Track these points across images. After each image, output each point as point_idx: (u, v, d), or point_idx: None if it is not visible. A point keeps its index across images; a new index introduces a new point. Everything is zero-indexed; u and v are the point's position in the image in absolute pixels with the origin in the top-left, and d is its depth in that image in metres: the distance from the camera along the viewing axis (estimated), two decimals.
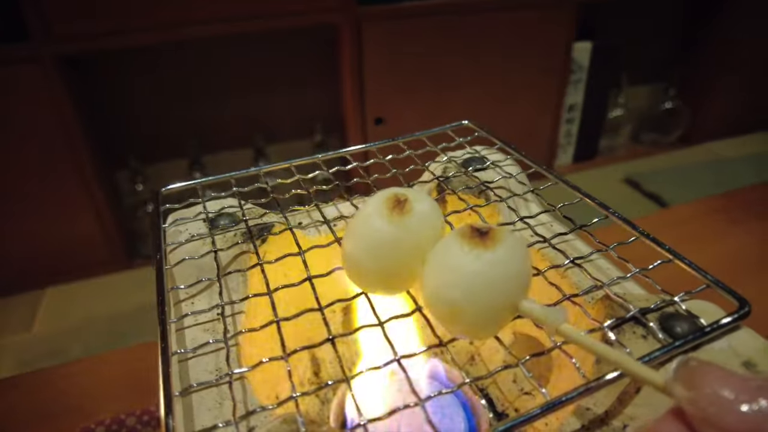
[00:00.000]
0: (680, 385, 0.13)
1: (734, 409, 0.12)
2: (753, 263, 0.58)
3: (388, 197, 0.19)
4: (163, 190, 0.28)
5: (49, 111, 1.11)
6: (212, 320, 0.22)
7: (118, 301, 1.29)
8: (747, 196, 0.74)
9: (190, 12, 1.12)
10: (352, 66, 1.29)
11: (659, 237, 0.23)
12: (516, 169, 0.30)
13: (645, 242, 0.23)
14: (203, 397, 0.19)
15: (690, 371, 0.13)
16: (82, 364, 0.51)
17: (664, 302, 0.20)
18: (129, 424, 0.42)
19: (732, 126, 1.92)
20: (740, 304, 0.20)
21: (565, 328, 0.17)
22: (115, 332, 1.17)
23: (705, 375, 0.13)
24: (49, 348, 1.15)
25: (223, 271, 0.24)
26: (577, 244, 0.25)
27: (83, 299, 1.30)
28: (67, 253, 1.30)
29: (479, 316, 0.17)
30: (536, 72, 1.48)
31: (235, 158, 1.50)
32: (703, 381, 0.13)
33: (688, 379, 0.13)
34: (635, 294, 0.21)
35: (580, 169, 1.79)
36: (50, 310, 1.27)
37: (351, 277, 0.20)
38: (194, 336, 0.21)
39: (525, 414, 0.16)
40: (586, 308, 0.20)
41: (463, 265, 0.17)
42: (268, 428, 0.16)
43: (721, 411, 0.12)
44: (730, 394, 0.12)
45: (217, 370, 0.20)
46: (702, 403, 0.13)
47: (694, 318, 0.19)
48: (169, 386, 0.17)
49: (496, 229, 0.18)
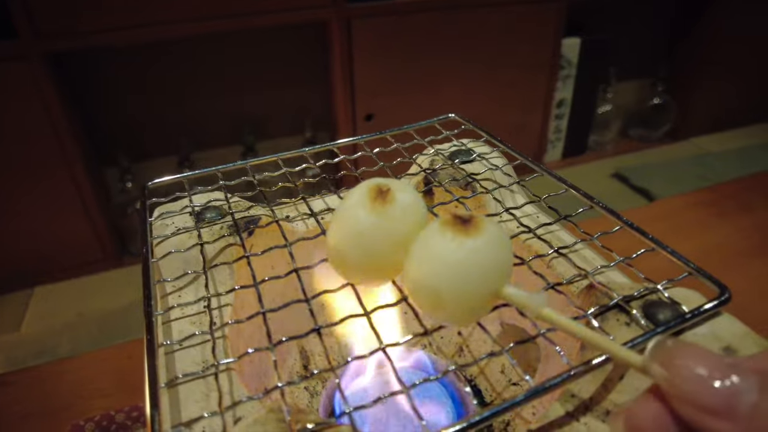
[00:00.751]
0: (657, 364, 0.14)
1: (708, 386, 0.13)
2: (737, 253, 0.59)
3: (370, 188, 0.19)
4: (149, 184, 0.28)
5: (37, 109, 1.10)
6: (198, 313, 0.22)
7: (108, 299, 1.29)
8: (731, 189, 0.75)
9: (179, 10, 1.12)
10: (342, 62, 1.29)
11: (646, 229, 0.23)
12: (502, 161, 0.30)
13: (629, 232, 0.23)
14: (190, 389, 0.19)
15: (666, 351, 0.14)
16: (72, 362, 0.51)
17: (647, 290, 0.20)
18: (118, 420, 0.42)
19: (718, 121, 1.95)
20: (721, 291, 0.20)
21: (546, 312, 0.17)
22: (105, 331, 1.16)
23: (680, 354, 0.13)
24: (38, 347, 1.14)
25: (210, 264, 0.24)
26: (562, 235, 0.25)
27: (73, 298, 1.29)
28: (56, 252, 1.28)
29: (462, 303, 0.18)
30: (525, 68, 1.48)
31: (225, 155, 1.50)
32: (679, 360, 0.13)
33: (664, 358, 0.14)
34: (619, 282, 0.22)
35: (569, 165, 1.81)
36: (39, 310, 1.26)
37: (336, 268, 0.20)
38: (181, 328, 0.21)
39: (510, 400, 0.16)
40: (570, 297, 0.20)
41: (446, 253, 0.17)
42: (254, 418, 0.16)
43: (695, 388, 0.13)
44: (704, 371, 0.13)
45: (203, 362, 0.20)
46: (677, 381, 0.13)
47: (676, 305, 0.20)
48: (154, 377, 0.17)
49: (478, 218, 0.18)
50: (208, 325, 0.20)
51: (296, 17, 1.20)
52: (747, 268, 0.56)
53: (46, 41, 1.05)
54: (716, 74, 1.84)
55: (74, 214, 1.24)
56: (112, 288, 1.31)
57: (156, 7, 1.10)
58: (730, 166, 1.73)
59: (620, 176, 1.73)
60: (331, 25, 1.24)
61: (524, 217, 0.26)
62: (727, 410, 0.12)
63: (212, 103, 1.42)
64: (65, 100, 1.17)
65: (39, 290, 1.31)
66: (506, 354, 0.18)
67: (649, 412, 0.14)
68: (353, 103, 1.36)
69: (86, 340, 1.17)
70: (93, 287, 1.32)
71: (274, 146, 1.51)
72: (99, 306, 1.26)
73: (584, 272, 0.22)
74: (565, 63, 1.65)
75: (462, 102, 1.46)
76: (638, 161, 1.81)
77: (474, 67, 1.43)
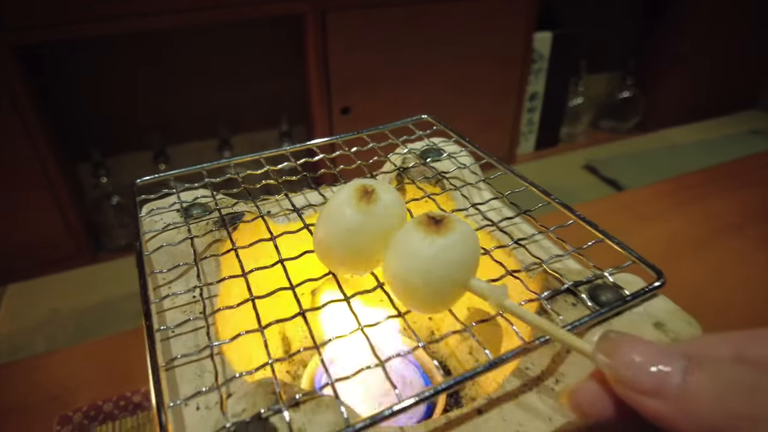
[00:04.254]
0: (601, 354, 0.16)
1: (643, 371, 0.15)
2: (691, 240, 0.63)
3: (356, 188, 0.21)
4: (138, 182, 0.30)
5: (6, 104, 1.08)
6: (190, 302, 0.24)
7: (83, 295, 1.27)
8: (691, 180, 0.80)
9: (152, 2, 1.11)
10: (318, 56, 1.29)
11: (613, 218, 0.26)
12: (470, 160, 0.32)
13: (581, 225, 0.26)
14: (184, 371, 0.21)
15: (609, 342, 0.16)
16: (53, 356, 0.52)
17: (595, 276, 0.23)
18: (106, 409, 0.44)
19: (685, 114, 2.01)
20: (658, 276, 0.23)
21: (507, 303, 0.19)
22: (81, 328, 1.16)
23: (620, 345, 0.16)
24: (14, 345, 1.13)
25: (199, 257, 0.25)
26: (523, 227, 0.28)
27: (47, 295, 1.28)
28: (29, 249, 1.27)
29: (433, 295, 0.20)
30: (498, 62, 1.51)
31: (200, 149, 1.49)
32: (619, 350, 0.16)
33: (607, 349, 0.16)
34: (571, 269, 0.24)
35: (542, 156, 1.84)
36: (12, 308, 1.24)
37: (322, 260, 0.22)
38: (174, 317, 0.23)
39: (469, 371, 0.18)
40: (526, 282, 0.23)
41: (420, 249, 0.19)
42: (245, 391, 0.18)
43: (632, 373, 0.15)
44: (639, 359, 0.15)
45: (196, 346, 0.22)
46: (618, 368, 0.16)
47: (619, 288, 0.22)
48: (155, 359, 0.19)
49: (449, 218, 0.20)
50: (200, 312, 0.22)
51: (271, 9, 1.20)
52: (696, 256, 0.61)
53: (15, 34, 1.03)
54: (683, 68, 1.87)
55: (47, 210, 1.22)
56: (88, 284, 1.30)
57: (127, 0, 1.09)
58: (694, 157, 1.80)
59: (591, 167, 1.77)
60: (306, 18, 1.24)
61: (489, 212, 0.29)
62: (657, 391, 0.15)
63: (186, 97, 1.41)
64: (34, 95, 1.15)
65: (11, 288, 1.29)
66: (468, 330, 0.20)
67: (591, 392, 0.17)
68: (329, 96, 1.36)
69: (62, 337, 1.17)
70: (67, 284, 1.31)
71: (249, 140, 1.51)
72: (74, 303, 1.24)
73: (540, 260, 0.24)
74: (537, 57, 1.68)
75: (436, 95, 1.47)
76: (609, 152, 1.86)
77: (448, 61, 1.44)
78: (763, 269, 0.58)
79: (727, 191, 0.75)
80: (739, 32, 1.88)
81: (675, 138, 1.96)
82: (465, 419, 0.19)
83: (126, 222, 1.36)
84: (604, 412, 0.16)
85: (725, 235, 0.65)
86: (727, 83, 2.05)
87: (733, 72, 2.02)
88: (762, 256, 0.60)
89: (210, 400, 0.19)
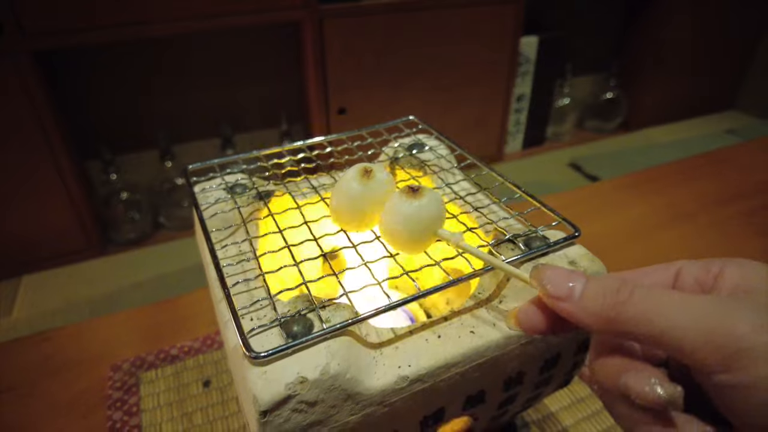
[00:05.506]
0: (534, 279, 0.24)
1: (560, 285, 0.23)
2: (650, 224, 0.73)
3: (360, 169, 0.30)
4: (190, 167, 0.39)
5: (24, 104, 1.13)
6: (238, 254, 0.33)
7: (96, 285, 1.33)
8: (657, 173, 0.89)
9: (160, 11, 1.16)
10: (315, 60, 1.34)
11: (586, 205, 0.35)
12: (446, 152, 0.42)
13: (525, 197, 0.35)
14: (239, 298, 0.30)
15: (539, 269, 0.25)
16: (100, 321, 0.60)
17: (531, 231, 0.32)
18: (149, 360, 0.53)
19: (665, 114, 2.08)
20: (575, 230, 0.32)
21: (463, 244, 0.29)
22: (96, 313, 1.23)
23: (546, 270, 0.24)
24: (33, 328, 1.20)
25: (245, 220, 0.35)
26: (482, 200, 0.37)
27: (60, 286, 1.33)
28: (42, 243, 1.32)
29: (413, 240, 0.29)
30: (486, 65, 1.57)
31: (204, 147, 1.54)
32: (545, 274, 0.24)
33: (537, 274, 0.24)
34: (515, 227, 0.34)
35: (528, 155, 1.91)
36: (29, 296, 1.30)
37: (335, 221, 0.32)
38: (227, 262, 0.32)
39: (436, 286, 0.28)
40: (480, 236, 0.32)
41: (403, 209, 0.29)
42: (289, 299, 0.27)
43: (553, 288, 0.23)
44: (558, 279, 0.23)
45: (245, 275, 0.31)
46: (545, 285, 0.24)
47: (546, 239, 0.32)
48: (224, 280, 0.28)
49: (423, 187, 0.29)
50: (250, 252, 0.31)
51: (271, 18, 1.26)
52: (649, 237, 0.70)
53: (32, 39, 1.09)
54: (664, 70, 1.94)
55: (60, 206, 1.28)
56: (99, 275, 1.37)
57: (138, 8, 1.14)
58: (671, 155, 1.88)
59: (575, 165, 1.84)
60: (304, 25, 1.30)
61: (459, 190, 0.38)
62: (568, 296, 0.23)
63: (191, 99, 1.45)
64: (50, 96, 1.19)
65: (27, 279, 1.35)
66: (439, 265, 0.30)
67: (530, 310, 0.24)
68: (326, 97, 1.41)
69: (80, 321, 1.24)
70: (80, 275, 1.37)
71: (250, 139, 1.57)
72: (86, 293, 1.31)
73: (491, 221, 0.33)
74: (524, 60, 1.74)
75: (425, 97, 1.53)
76: (592, 151, 1.93)
77: (438, 65, 1.50)
78: (706, 248, 0.68)
79: (688, 182, 0.85)
80: (718, 36, 1.94)
81: (656, 137, 2.03)
82: (435, 323, 0.28)
83: (133, 217, 1.43)
84: (538, 327, 0.24)
85: (680, 221, 0.74)
86: (706, 85, 2.11)
87: (712, 74, 2.07)
88: (710, 237, 0.70)
89: (261, 314, 0.28)
